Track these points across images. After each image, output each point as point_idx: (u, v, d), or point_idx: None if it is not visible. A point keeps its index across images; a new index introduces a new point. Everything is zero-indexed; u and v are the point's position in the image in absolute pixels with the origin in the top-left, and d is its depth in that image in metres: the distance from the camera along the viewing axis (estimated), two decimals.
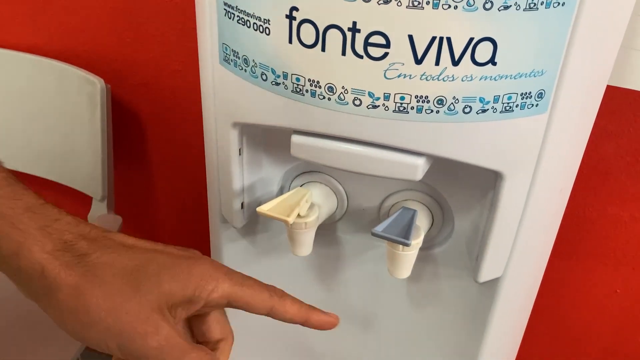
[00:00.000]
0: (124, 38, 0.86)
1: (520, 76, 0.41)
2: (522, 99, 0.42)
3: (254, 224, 0.60)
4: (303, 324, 0.43)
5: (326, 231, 0.59)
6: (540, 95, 0.42)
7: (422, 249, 0.57)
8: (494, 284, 0.53)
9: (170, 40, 0.84)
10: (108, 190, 0.91)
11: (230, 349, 0.44)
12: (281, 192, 0.58)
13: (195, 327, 0.43)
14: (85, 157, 0.90)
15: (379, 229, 0.48)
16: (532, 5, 0.38)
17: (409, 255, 0.50)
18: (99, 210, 0.92)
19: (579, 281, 0.89)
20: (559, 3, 0.38)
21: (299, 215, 0.51)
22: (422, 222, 0.53)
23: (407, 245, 0.47)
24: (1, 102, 0.92)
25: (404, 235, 0.47)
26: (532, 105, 0.42)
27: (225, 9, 0.45)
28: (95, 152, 0.88)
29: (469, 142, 0.43)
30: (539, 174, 0.46)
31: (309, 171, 0.57)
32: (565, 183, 0.52)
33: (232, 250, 0.60)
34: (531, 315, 0.68)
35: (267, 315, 0.42)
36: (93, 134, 0.87)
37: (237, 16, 0.44)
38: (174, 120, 0.91)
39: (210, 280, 0.39)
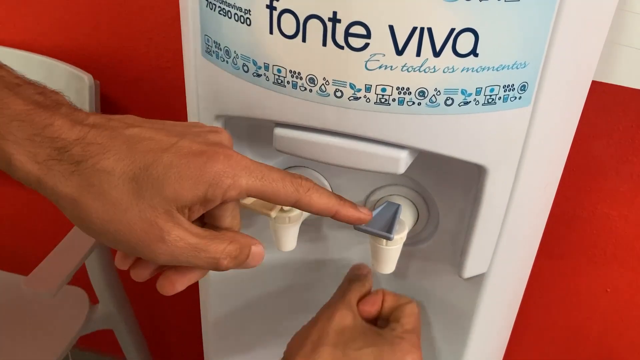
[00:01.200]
0: (113, 34, 0.85)
1: (503, 68, 0.40)
2: (504, 92, 0.42)
3: None
4: (332, 217, 0.44)
5: (311, 226, 0.59)
6: (523, 87, 0.42)
7: (408, 244, 0.56)
8: (479, 280, 0.53)
9: (160, 35, 0.84)
10: None
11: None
12: None
13: (207, 213, 0.42)
14: None
15: None
16: None
17: (393, 250, 0.50)
18: None
19: (569, 280, 0.89)
20: None
21: (282, 210, 0.51)
22: (406, 217, 0.53)
23: (389, 239, 0.46)
24: None
25: (387, 229, 0.47)
26: (515, 97, 0.42)
27: (206, 0, 0.44)
28: None
29: (451, 135, 0.43)
30: (523, 168, 0.46)
31: (295, 166, 0.56)
32: (551, 178, 0.51)
33: None
34: (520, 314, 0.67)
35: (294, 207, 0.42)
36: None
37: (218, 7, 0.43)
38: (163, 116, 0.90)
39: (225, 178, 0.37)
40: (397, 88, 0.41)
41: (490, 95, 0.41)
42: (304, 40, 0.40)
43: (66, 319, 0.99)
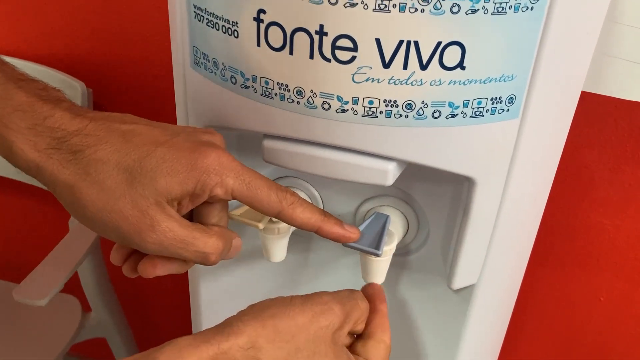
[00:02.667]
0: (106, 42, 0.85)
1: (490, 81, 0.40)
2: (492, 104, 0.42)
3: (228, 227, 0.59)
4: (316, 233, 0.44)
5: (301, 237, 0.59)
6: (511, 100, 0.42)
7: (398, 255, 0.56)
8: (468, 291, 0.53)
9: (153, 44, 0.84)
10: None
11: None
12: None
13: (196, 208, 0.43)
14: None
15: None
16: (500, 9, 0.38)
17: (381, 261, 0.50)
18: None
19: (563, 289, 0.89)
20: (527, 7, 0.38)
21: (271, 221, 0.50)
22: (396, 229, 0.53)
23: (377, 255, 0.46)
24: None
25: (375, 245, 0.47)
26: (503, 110, 0.42)
27: (195, 12, 0.44)
28: None
29: (439, 147, 0.43)
30: (511, 180, 0.46)
31: (284, 176, 0.56)
32: (540, 190, 0.51)
33: None
34: (514, 323, 0.67)
35: (276, 218, 0.42)
36: None
37: (207, 19, 0.43)
38: None
39: (214, 175, 0.39)
40: (385, 101, 0.40)
41: (478, 108, 0.41)
42: (291, 52, 0.40)
43: (59, 326, 0.98)
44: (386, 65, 0.39)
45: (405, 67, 0.39)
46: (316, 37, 0.39)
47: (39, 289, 0.78)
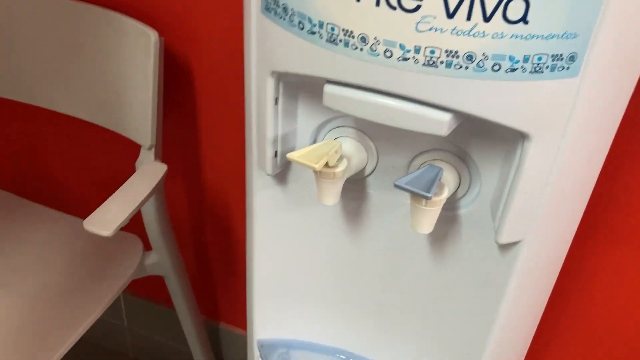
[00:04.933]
0: None
1: (552, 37, 0.41)
2: (552, 61, 0.42)
3: (286, 172, 0.62)
4: None
5: (356, 185, 0.61)
6: (572, 58, 0.42)
7: (447, 209, 0.58)
8: (514, 247, 0.54)
9: None
10: (156, 140, 0.95)
11: None
12: (314, 143, 0.60)
13: None
14: (136, 106, 0.94)
15: (402, 181, 0.49)
16: None
17: (431, 210, 0.51)
18: (146, 158, 0.97)
19: (614, 267, 0.88)
20: None
21: (327, 165, 0.53)
22: (448, 182, 0.54)
23: (427, 197, 0.48)
24: (58, 49, 0.97)
25: (427, 189, 0.48)
26: (563, 68, 0.43)
27: None
28: (146, 102, 0.91)
29: (496, 101, 0.44)
30: (566, 139, 0.47)
31: (342, 126, 0.58)
32: (596, 153, 0.52)
33: (264, 197, 0.63)
34: (557, 301, 0.66)
35: None
36: (145, 84, 0.90)
37: None
38: (224, 73, 0.93)
39: None
40: (446, 51, 0.42)
41: (538, 64, 0.42)
42: None
43: (121, 262, 1.05)
44: (450, 15, 0.40)
45: (468, 18, 0.40)
46: None
47: (107, 221, 0.83)
